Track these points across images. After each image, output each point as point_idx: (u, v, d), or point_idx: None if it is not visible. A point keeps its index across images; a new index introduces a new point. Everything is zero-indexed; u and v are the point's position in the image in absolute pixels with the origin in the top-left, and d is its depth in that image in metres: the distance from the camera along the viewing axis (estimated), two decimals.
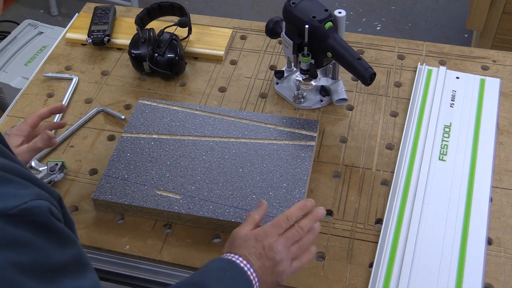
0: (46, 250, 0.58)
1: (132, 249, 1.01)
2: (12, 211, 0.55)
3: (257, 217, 0.88)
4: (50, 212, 0.59)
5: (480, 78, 1.26)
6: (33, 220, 0.57)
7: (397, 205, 1.03)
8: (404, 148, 1.12)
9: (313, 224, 0.86)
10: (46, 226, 0.58)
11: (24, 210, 0.56)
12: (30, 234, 0.56)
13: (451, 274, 0.94)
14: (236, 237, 0.84)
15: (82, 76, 1.35)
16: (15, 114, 1.27)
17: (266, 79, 1.31)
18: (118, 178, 1.07)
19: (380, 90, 1.26)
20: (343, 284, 0.95)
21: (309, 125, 1.15)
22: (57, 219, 0.60)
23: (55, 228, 0.59)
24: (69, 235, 0.61)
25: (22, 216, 0.56)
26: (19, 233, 0.55)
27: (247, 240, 0.82)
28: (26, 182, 0.59)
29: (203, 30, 1.41)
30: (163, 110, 1.19)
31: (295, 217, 0.85)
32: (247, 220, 0.88)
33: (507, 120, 1.19)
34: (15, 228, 0.55)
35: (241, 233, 0.84)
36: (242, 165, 1.08)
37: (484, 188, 1.06)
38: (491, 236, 1.00)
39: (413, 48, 1.35)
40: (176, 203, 1.02)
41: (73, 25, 1.46)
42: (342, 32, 1.12)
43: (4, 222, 0.54)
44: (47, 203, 0.59)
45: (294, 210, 0.86)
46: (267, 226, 0.84)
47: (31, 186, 0.59)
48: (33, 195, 0.58)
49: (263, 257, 0.81)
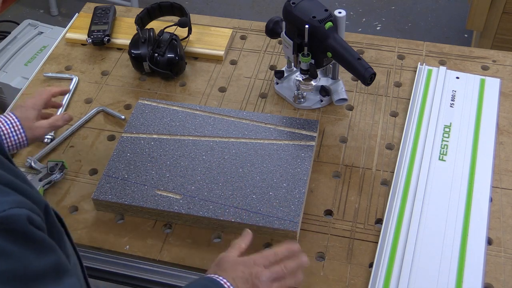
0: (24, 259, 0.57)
1: (132, 249, 1.01)
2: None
3: (243, 245, 0.90)
4: (29, 220, 0.58)
5: (480, 78, 1.26)
6: (10, 228, 0.57)
7: (397, 205, 1.03)
8: (404, 148, 1.12)
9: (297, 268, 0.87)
10: (24, 234, 0.58)
11: (2, 218, 0.56)
12: (7, 243, 0.56)
13: (451, 274, 0.94)
14: (224, 261, 0.85)
15: (82, 76, 1.35)
16: None
17: (266, 79, 1.31)
18: (118, 178, 1.07)
19: (380, 90, 1.26)
20: (343, 284, 0.95)
21: (309, 125, 1.15)
22: (37, 226, 0.60)
23: (33, 237, 0.59)
24: (48, 243, 0.61)
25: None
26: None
27: (235, 265, 0.84)
28: (6, 189, 0.59)
29: (203, 30, 1.41)
30: (163, 110, 1.19)
31: (282, 255, 0.86)
32: (234, 246, 0.89)
33: (507, 120, 1.19)
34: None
35: (230, 258, 0.85)
36: (242, 165, 1.08)
37: (484, 188, 1.06)
38: (491, 236, 1.00)
39: (413, 48, 1.35)
40: (176, 203, 1.02)
41: (73, 25, 1.46)
42: (342, 32, 1.12)
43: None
44: (26, 211, 0.59)
45: (282, 249, 0.87)
46: (255, 256, 0.86)
47: (12, 193, 0.59)
48: (12, 203, 0.58)
49: (248, 282, 0.82)
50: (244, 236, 0.91)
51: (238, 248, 0.88)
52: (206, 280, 0.81)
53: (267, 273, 0.84)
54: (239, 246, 0.89)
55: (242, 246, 0.89)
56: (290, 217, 0.99)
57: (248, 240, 0.91)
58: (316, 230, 1.02)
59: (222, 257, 0.86)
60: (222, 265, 0.84)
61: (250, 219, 0.99)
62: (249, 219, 0.99)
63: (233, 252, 0.87)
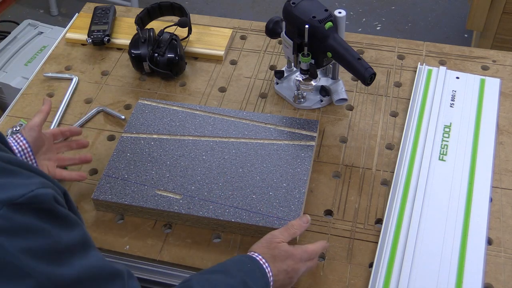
0: (54, 234, 0.61)
1: (132, 249, 1.01)
2: (19, 200, 0.58)
3: (298, 232, 0.94)
4: (54, 199, 0.62)
5: (480, 78, 1.26)
6: (39, 207, 0.60)
7: (397, 205, 1.03)
8: (404, 148, 1.12)
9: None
10: (52, 212, 0.62)
11: (31, 198, 0.59)
12: (37, 221, 0.60)
13: (451, 274, 0.94)
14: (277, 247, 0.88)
15: (82, 76, 1.35)
16: (15, 114, 1.27)
17: (266, 79, 1.31)
18: (118, 178, 1.07)
19: (380, 90, 1.26)
20: (343, 284, 0.95)
21: (309, 125, 1.15)
22: (61, 205, 0.64)
23: (60, 214, 0.63)
24: (73, 219, 0.65)
25: (29, 204, 0.59)
26: (27, 220, 0.59)
27: (286, 258, 0.88)
28: (30, 173, 0.63)
29: (203, 30, 1.41)
30: (163, 110, 1.19)
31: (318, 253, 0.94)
32: (289, 231, 0.92)
33: (507, 120, 1.19)
34: (23, 216, 0.58)
35: (283, 247, 0.89)
36: (242, 165, 1.08)
37: (484, 188, 1.06)
38: (491, 236, 1.00)
39: (413, 48, 1.35)
40: (176, 203, 1.02)
41: (73, 25, 1.46)
42: (342, 32, 1.12)
43: (12, 210, 0.58)
44: (52, 191, 0.62)
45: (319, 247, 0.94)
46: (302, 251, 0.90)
47: (36, 176, 0.63)
48: (38, 184, 0.61)
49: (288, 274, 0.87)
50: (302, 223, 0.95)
51: (292, 235, 0.92)
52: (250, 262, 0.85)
53: (304, 269, 0.90)
54: (294, 233, 0.93)
55: (297, 233, 0.93)
56: (290, 217, 0.99)
57: (304, 228, 0.95)
58: (316, 230, 1.02)
59: (275, 241, 0.89)
60: (273, 250, 0.88)
61: (250, 219, 0.99)
62: (249, 219, 0.99)
63: (286, 237, 0.91)
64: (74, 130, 1.11)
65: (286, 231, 0.92)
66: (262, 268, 0.84)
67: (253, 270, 0.83)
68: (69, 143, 1.10)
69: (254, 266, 0.84)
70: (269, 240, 0.89)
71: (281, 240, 0.89)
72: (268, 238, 0.90)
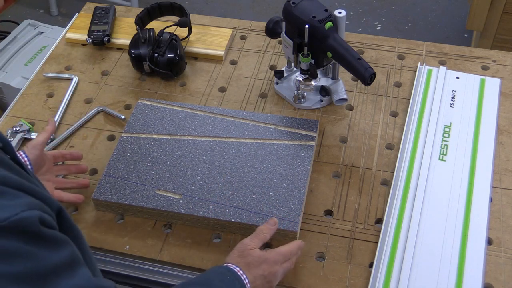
0: (39, 257, 0.60)
1: (132, 249, 1.01)
2: (3, 223, 0.57)
3: (268, 237, 0.93)
4: (40, 220, 0.60)
5: (480, 78, 1.26)
6: (24, 230, 0.59)
7: (397, 205, 1.03)
8: (404, 148, 1.12)
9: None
10: (37, 234, 0.60)
11: (15, 222, 0.58)
12: (21, 243, 0.58)
13: (451, 274, 0.93)
14: (249, 254, 0.88)
15: (82, 76, 1.35)
16: (15, 114, 1.27)
17: (266, 79, 1.31)
18: (118, 178, 1.07)
19: (380, 90, 1.26)
20: (343, 284, 0.95)
21: (309, 125, 1.15)
22: (48, 225, 0.62)
23: (46, 235, 0.61)
24: (61, 238, 0.64)
25: (12, 227, 0.58)
26: (10, 244, 0.57)
27: (260, 263, 0.87)
28: (17, 192, 0.61)
29: (203, 30, 1.41)
30: (163, 110, 1.19)
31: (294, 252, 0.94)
32: (258, 236, 0.92)
33: (507, 120, 1.19)
34: (6, 239, 0.57)
35: (255, 253, 0.89)
36: (242, 165, 1.08)
37: (484, 188, 1.06)
38: (491, 236, 1.00)
39: (413, 48, 1.35)
40: (176, 203, 1.02)
41: (73, 25, 1.46)
42: (342, 32, 1.12)
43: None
44: (38, 212, 0.61)
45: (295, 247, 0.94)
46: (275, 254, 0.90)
47: (23, 195, 0.61)
48: (24, 206, 0.59)
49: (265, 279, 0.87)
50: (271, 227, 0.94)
51: (262, 240, 0.92)
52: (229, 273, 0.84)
53: (281, 271, 0.90)
54: (264, 237, 0.92)
55: (267, 237, 0.93)
56: (290, 217, 0.99)
57: (273, 231, 0.94)
58: (316, 230, 1.02)
59: (246, 248, 0.89)
60: (246, 258, 0.87)
61: (250, 219, 0.99)
62: (249, 219, 0.99)
63: (256, 243, 0.90)
64: (75, 155, 1.10)
65: (256, 237, 0.91)
66: (240, 278, 0.84)
67: (233, 281, 0.83)
68: (69, 167, 1.09)
69: (233, 277, 0.84)
70: (241, 249, 0.89)
71: (253, 247, 0.89)
72: (240, 247, 0.90)
